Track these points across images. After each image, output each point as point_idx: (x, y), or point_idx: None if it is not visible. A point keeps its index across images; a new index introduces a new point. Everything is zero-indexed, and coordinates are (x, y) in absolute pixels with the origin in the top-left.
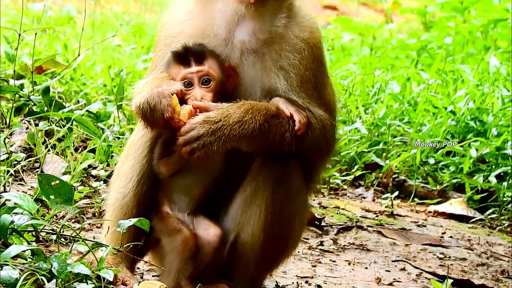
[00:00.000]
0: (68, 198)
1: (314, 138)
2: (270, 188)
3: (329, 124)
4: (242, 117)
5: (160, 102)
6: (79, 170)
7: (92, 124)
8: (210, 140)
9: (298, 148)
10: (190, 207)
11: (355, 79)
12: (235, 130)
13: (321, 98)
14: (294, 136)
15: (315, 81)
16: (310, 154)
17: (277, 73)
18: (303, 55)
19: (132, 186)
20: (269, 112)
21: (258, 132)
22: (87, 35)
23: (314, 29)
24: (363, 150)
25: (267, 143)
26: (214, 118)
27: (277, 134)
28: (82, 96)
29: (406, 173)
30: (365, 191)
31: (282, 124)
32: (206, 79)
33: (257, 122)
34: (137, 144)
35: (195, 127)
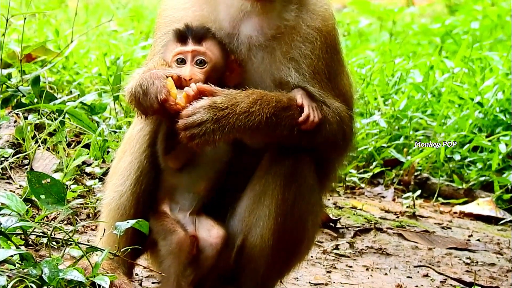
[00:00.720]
0: (60, 198)
1: (329, 132)
2: (281, 187)
3: (346, 117)
4: (250, 108)
5: (153, 83)
6: (72, 167)
7: (86, 117)
8: (213, 128)
9: (310, 142)
10: (193, 205)
11: (373, 67)
12: (241, 120)
13: (337, 88)
14: (305, 131)
15: (329, 71)
16: (325, 149)
17: (288, 65)
18: (315, 44)
19: (130, 184)
20: (280, 103)
21: (264, 125)
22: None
23: (328, 16)
24: (382, 145)
25: (273, 137)
26: (221, 104)
27: (286, 127)
28: (75, 86)
29: (429, 170)
30: (385, 190)
31: (293, 117)
32: (201, 60)
33: (264, 114)
34: (135, 138)
35: (198, 111)
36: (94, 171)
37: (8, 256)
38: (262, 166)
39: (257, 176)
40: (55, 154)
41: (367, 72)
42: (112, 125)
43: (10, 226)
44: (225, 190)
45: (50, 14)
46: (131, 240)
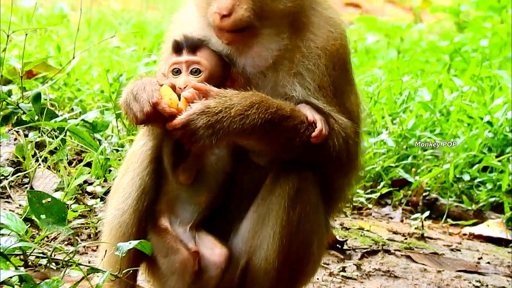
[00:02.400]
0: (61, 218)
1: (335, 149)
2: (285, 207)
3: (352, 133)
4: (245, 110)
5: (144, 88)
6: (73, 186)
7: (87, 135)
8: (207, 134)
9: (314, 156)
10: (194, 218)
11: (380, 85)
12: (235, 123)
13: (343, 105)
14: (308, 144)
15: (336, 87)
16: (330, 167)
17: (292, 80)
18: (319, 61)
19: (132, 202)
20: (280, 111)
21: (260, 130)
22: (82, 36)
23: (335, 36)
24: (390, 164)
25: (271, 145)
26: (215, 108)
27: (286, 137)
28: (77, 103)
29: (438, 190)
30: (392, 210)
31: (295, 128)
32: (196, 69)
33: (260, 119)
34: (137, 154)
35: (191, 118)
36: (96, 190)
37: (7, 278)
38: (266, 186)
39: (261, 197)
40: (56, 173)
41: (375, 90)
42: (114, 143)
43: (10, 246)
44: (228, 209)
45: (51, 30)
46: (133, 259)
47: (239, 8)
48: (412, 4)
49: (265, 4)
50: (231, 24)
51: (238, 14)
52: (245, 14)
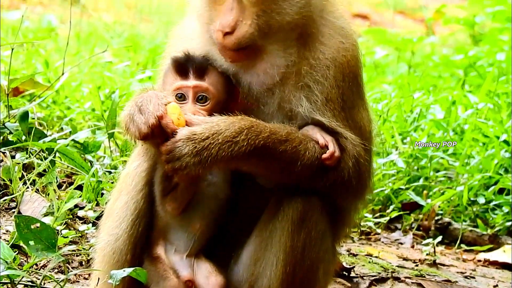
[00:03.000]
0: (51, 244)
1: (346, 171)
2: (289, 232)
3: (362, 152)
4: (234, 137)
5: (150, 101)
6: (63, 210)
7: (78, 156)
8: (193, 162)
9: (322, 181)
10: (190, 246)
11: (390, 102)
12: (224, 150)
13: (352, 120)
14: (313, 167)
15: (345, 100)
16: (340, 190)
17: (299, 94)
18: (328, 72)
19: (126, 227)
20: (274, 135)
21: (251, 157)
22: (72, 50)
23: (346, 47)
24: (400, 187)
25: (270, 171)
26: (201, 134)
27: (285, 162)
28: (67, 122)
29: (451, 214)
30: (403, 235)
31: (294, 152)
32: (202, 96)
33: (250, 146)
34: (131, 176)
35: (176, 145)
36: (87, 215)
37: None
38: (268, 209)
39: (264, 221)
40: (44, 197)
41: (384, 108)
42: (106, 165)
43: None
44: (229, 233)
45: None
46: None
47: (243, 25)
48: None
49: (270, 18)
50: (234, 42)
51: (241, 31)
52: (248, 30)
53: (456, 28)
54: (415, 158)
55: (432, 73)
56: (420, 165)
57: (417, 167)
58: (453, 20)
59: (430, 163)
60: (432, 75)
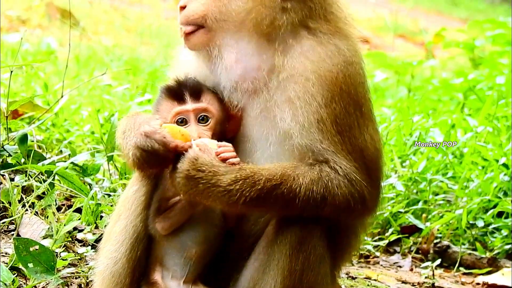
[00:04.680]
0: (50, 267)
1: (336, 201)
2: (287, 257)
3: (357, 179)
4: (228, 185)
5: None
6: (62, 233)
7: (77, 178)
8: (181, 183)
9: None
10: (186, 272)
11: (389, 125)
12: (213, 193)
13: (350, 144)
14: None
15: (339, 122)
16: (334, 218)
17: (283, 107)
18: (313, 89)
19: (125, 250)
20: (269, 182)
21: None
22: (71, 73)
23: (333, 61)
24: (399, 210)
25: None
26: (200, 165)
27: (279, 203)
28: (66, 145)
29: (450, 237)
30: (402, 258)
31: (289, 192)
32: (204, 116)
33: (243, 197)
34: (130, 200)
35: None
36: (86, 237)
37: None
38: (267, 234)
39: (262, 245)
40: (43, 219)
41: (383, 131)
42: (105, 188)
43: None
44: (227, 256)
45: (38, 67)
46: None
47: (195, 1)
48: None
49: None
50: (184, 16)
51: (191, 6)
52: (199, 7)
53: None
54: (414, 182)
55: (432, 96)
56: (419, 188)
57: (416, 190)
58: (452, 43)
59: (429, 186)
60: (431, 99)
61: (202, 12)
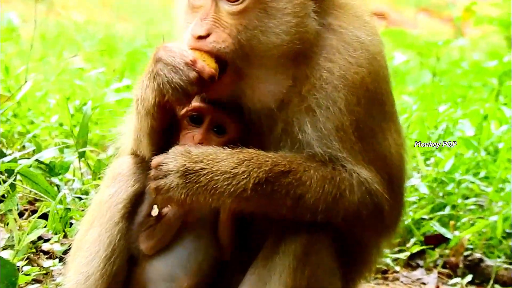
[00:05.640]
0: (10, 283)
1: (349, 207)
2: (291, 270)
3: (378, 190)
4: (233, 168)
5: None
6: (25, 243)
7: (43, 179)
8: (178, 183)
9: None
10: None
11: (411, 116)
12: (217, 182)
13: (373, 150)
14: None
15: (361, 128)
16: (354, 228)
17: (302, 118)
18: (337, 95)
19: (98, 264)
20: (277, 167)
21: (253, 192)
22: (36, 54)
23: (361, 60)
24: (423, 216)
25: (270, 208)
26: (195, 156)
27: (287, 197)
28: (30, 139)
29: (483, 249)
30: (426, 274)
31: (298, 184)
32: (220, 128)
33: (253, 179)
34: (105, 205)
35: (167, 158)
36: (53, 248)
37: None
38: (268, 243)
39: (262, 256)
40: (3, 227)
41: (404, 123)
42: (76, 190)
43: None
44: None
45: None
46: None
47: (220, 31)
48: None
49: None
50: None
51: (219, 35)
52: (227, 39)
53: (489, 29)
54: (440, 183)
55: (461, 82)
56: (446, 190)
57: (443, 193)
58: (485, 19)
59: (458, 188)
60: (460, 85)
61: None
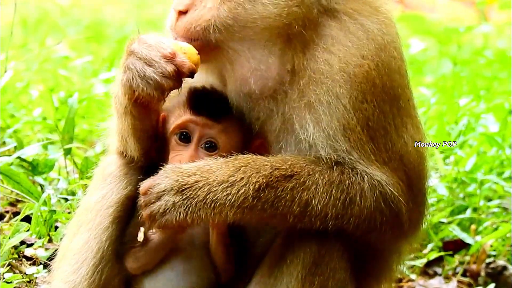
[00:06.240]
0: None
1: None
2: (300, 280)
3: (393, 194)
4: (230, 176)
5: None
6: (6, 248)
7: (26, 178)
8: (174, 202)
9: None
10: None
11: (429, 110)
12: (216, 194)
13: (387, 150)
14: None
15: (371, 127)
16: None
17: (303, 115)
18: (340, 90)
19: (86, 272)
20: (277, 171)
21: (255, 200)
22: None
23: (365, 52)
24: (442, 220)
25: (276, 217)
26: (187, 170)
27: (294, 204)
28: (10, 135)
29: (507, 256)
30: (444, 282)
31: (303, 189)
32: (212, 144)
33: (252, 185)
34: (94, 209)
35: (158, 180)
36: (37, 254)
37: None
38: (275, 250)
39: (267, 265)
40: None
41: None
42: (61, 190)
43: None
44: None
45: None
46: None
47: (201, 7)
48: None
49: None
50: (183, 26)
51: (196, 13)
52: (205, 15)
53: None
54: (461, 183)
55: (484, 72)
56: (467, 192)
57: (463, 195)
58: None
59: (480, 189)
60: (483, 75)
61: (208, 22)
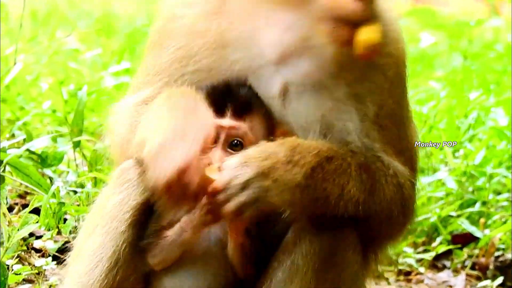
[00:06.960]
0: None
1: (383, 201)
2: (313, 272)
3: (408, 183)
4: (291, 157)
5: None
6: (15, 240)
7: (35, 170)
8: (266, 186)
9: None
10: None
11: (439, 104)
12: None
13: (401, 140)
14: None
15: (396, 114)
16: (376, 223)
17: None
18: (385, 75)
19: (100, 274)
20: (321, 152)
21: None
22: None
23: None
24: (450, 213)
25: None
26: (258, 156)
27: (335, 186)
28: (20, 127)
29: None
30: (453, 276)
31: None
32: (237, 142)
33: (307, 164)
34: (112, 211)
35: (235, 171)
36: (46, 246)
37: None
38: (287, 242)
39: (281, 256)
40: None
41: (430, 111)
42: (71, 183)
43: None
44: None
45: None
46: None
47: None
48: None
49: None
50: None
51: None
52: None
53: None
54: (470, 177)
55: (495, 66)
56: (477, 185)
57: (473, 188)
58: None
59: (489, 183)
60: (494, 69)
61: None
